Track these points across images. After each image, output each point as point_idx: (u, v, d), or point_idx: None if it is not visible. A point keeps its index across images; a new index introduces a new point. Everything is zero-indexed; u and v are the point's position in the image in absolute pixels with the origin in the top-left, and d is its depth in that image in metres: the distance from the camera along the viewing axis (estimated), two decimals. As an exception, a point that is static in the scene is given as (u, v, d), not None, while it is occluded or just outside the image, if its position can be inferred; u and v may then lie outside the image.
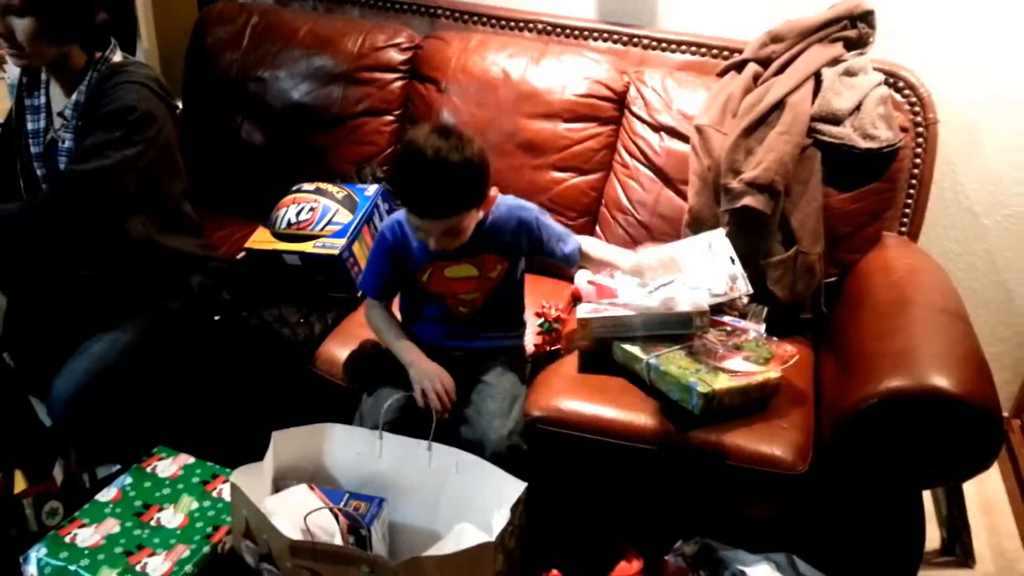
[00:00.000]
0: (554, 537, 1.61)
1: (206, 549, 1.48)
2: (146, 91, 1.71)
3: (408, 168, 1.54)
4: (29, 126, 1.81)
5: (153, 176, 1.75)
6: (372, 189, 2.08)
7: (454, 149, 1.50)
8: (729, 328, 1.78)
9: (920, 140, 1.98)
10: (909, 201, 2.01)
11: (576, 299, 2.01)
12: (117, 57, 1.77)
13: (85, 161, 1.65)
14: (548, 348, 1.85)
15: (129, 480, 1.61)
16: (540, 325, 1.88)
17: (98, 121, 1.68)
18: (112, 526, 1.51)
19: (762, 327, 1.80)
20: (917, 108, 1.98)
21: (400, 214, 1.70)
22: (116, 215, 1.73)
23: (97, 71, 1.73)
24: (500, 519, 1.42)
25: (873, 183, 1.95)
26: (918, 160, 1.98)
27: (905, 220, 2.01)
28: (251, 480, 1.48)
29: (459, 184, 1.52)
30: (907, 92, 1.99)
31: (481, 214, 1.63)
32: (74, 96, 1.73)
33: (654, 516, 1.72)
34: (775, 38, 2.05)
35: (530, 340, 1.87)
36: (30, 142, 1.82)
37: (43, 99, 1.80)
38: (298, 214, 1.98)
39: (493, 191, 1.64)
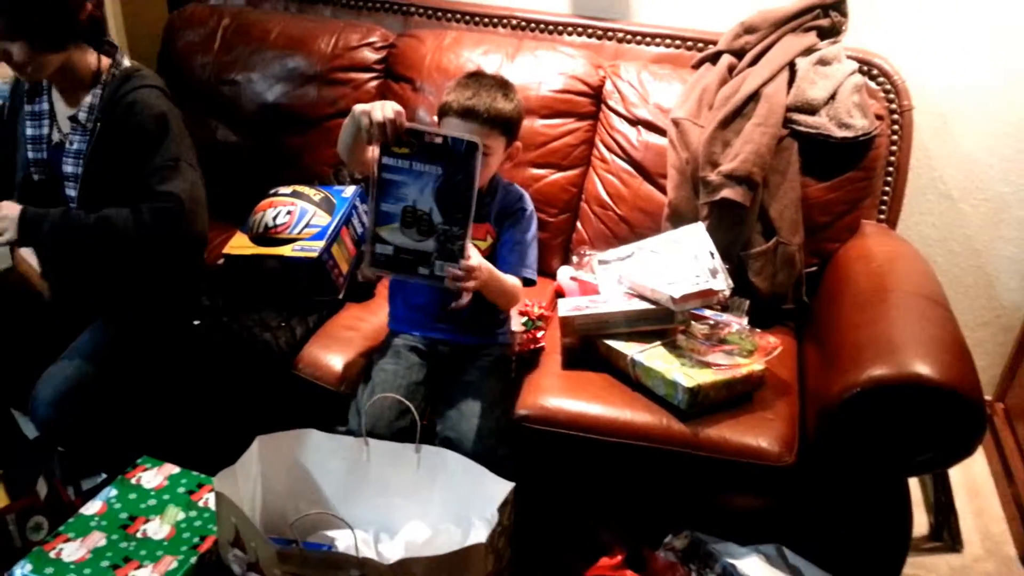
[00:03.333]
0: (541, 533, 1.61)
1: (193, 560, 1.46)
2: (163, 95, 1.77)
3: (472, 78, 1.67)
4: (29, 132, 1.81)
5: None
6: (350, 191, 2.06)
7: (506, 84, 1.68)
8: (712, 322, 1.78)
9: (895, 127, 1.99)
10: (887, 189, 2.02)
11: (559, 295, 2.01)
12: (127, 62, 1.79)
13: (171, 180, 1.70)
14: (532, 346, 1.85)
15: (114, 492, 1.59)
16: (524, 323, 1.87)
17: (138, 134, 1.71)
18: (98, 539, 1.49)
19: (744, 320, 1.81)
20: (892, 95, 1.99)
21: None
22: (199, 229, 1.79)
23: (112, 75, 1.75)
24: (489, 520, 1.42)
25: (850, 172, 1.96)
26: (894, 148, 2.00)
27: (883, 208, 2.03)
28: (235, 485, 1.47)
29: (505, 103, 1.62)
30: (881, 80, 2.00)
31: (496, 169, 1.69)
32: (88, 98, 1.73)
33: (642, 511, 1.73)
34: (748, 29, 2.06)
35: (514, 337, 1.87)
36: (28, 147, 1.80)
37: (45, 105, 1.79)
38: (275, 218, 1.97)
39: (519, 148, 1.73)
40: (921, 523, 1.97)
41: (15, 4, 1.60)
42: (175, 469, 1.66)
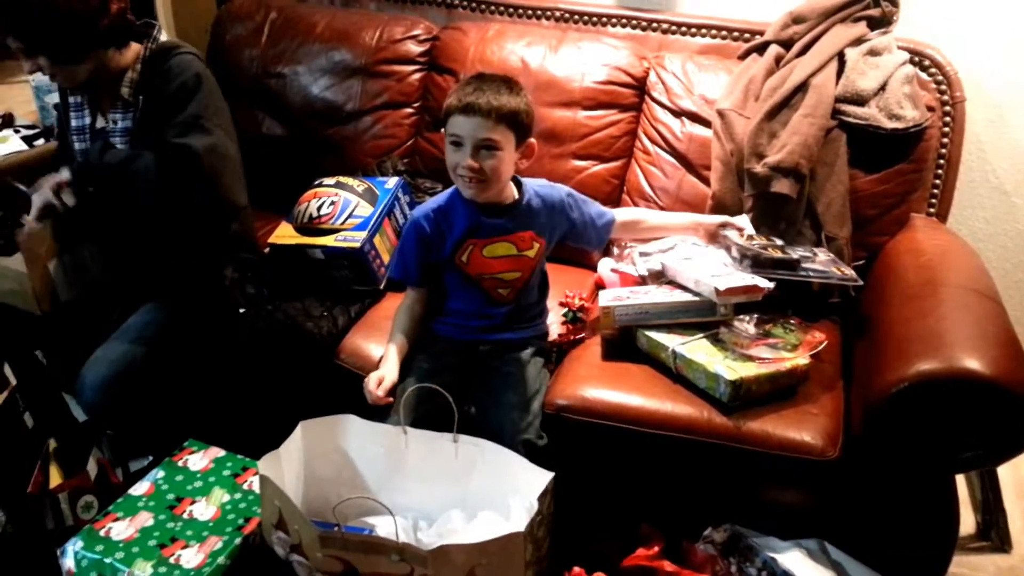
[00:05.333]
0: (579, 523, 1.60)
1: (238, 541, 1.49)
2: (199, 60, 1.81)
3: (476, 77, 1.67)
4: (73, 123, 1.86)
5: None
6: (392, 182, 2.08)
7: (511, 81, 1.67)
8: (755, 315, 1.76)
9: (947, 119, 1.95)
10: (937, 182, 1.98)
11: (600, 288, 2.01)
12: (163, 36, 1.83)
13: (189, 135, 1.71)
14: (572, 337, 1.85)
15: (161, 474, 1.63)
16: (564, 315, 1.87)
17: (172, 94, 1.73)
18: (146, 519, 1.53)
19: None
20: (944, 86, 1.95)
21: (434, 201, 1.73)
22: (222, 187, 1.80)
23: (149, 49, 1.79)
24: (528, 509, 1.42)
25: (900, 164, 1.92)
26: (945, 140, 1.95)
27: (933, 201, 1.98)
28: (279, 469, 1.49)
29: (509, 95, 1.62)
30: (933, 70, 1.96)
31: (512, 170, 1.68)
32: (128, 74, 1.77)
33: (681, 503, 1.72)
34: (797, 19, 2.03)
35: (554, 330, 1.86)
36: (74, 138, 1.85)
37: (84, 95, 1.83)
38: (319, 208, 1.99)
39: (533, 146, 1.70)
40: (968, 522, 1.93)
41: (29, 25, 1.63)
42: (220, 452, 1.69)
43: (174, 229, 1.83)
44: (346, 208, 1.98)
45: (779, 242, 1.83)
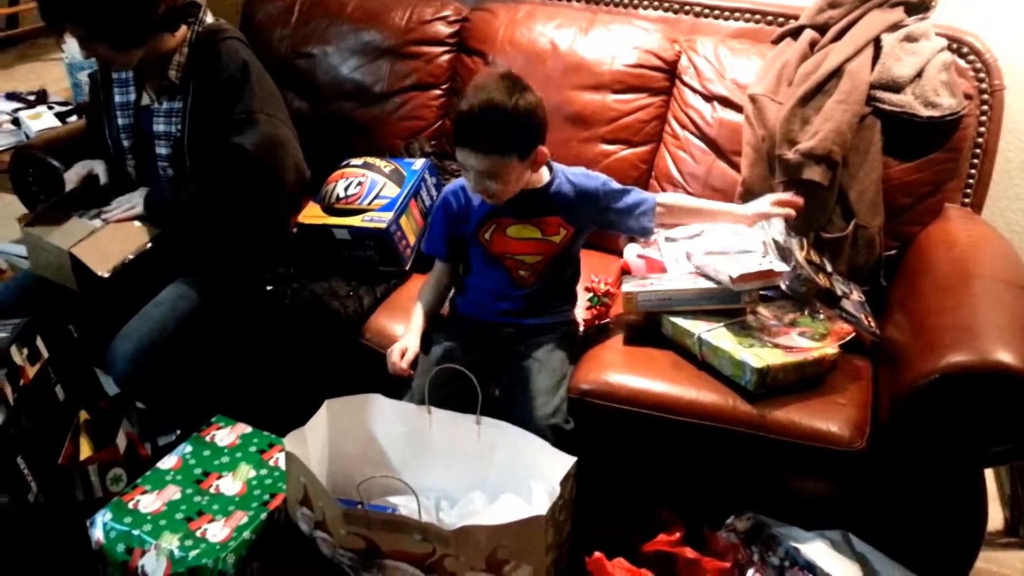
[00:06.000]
0: (600, 507, 1.60)
1: (263, 516, 1.51)
2: (245, 46, 1.85)
3: (464, 100, 1.58)
4: (117, 99, 1.89)
5: None
6: (419, 163, 2.08)
7: (510, 93, 1.54)
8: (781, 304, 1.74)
9: (985, 108, 1.91)
10: (972, 171, 1.94)
11: (625, 273, 2.00)
12: (210, 18, 1.86)
13: (242, 133, 1.77)
14: (598, 323, 1.84)
15: (189, 449, 1.65)
16: (589, 299, 1.86)
17: (224, 86, 1.78)
18: (173, 493, 1.55)
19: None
20: (982, 74, 1.90)
21: (463, 179, 1.72)
22: (283, 174, 1.86)
23: (195, 31, 1.82)
24: (551, 493, 1.43)
25: (935, 153, 1.88)
26: (982, 128, 1.91)
27: (968, 191, 1.95)
28: (304, 446, 1.51)
29: (504, 125, 1.54)
30: (971, 58, 1.92)
31: (528, 173, 1.65)
32: (175, 57, 1.80)
33: (704, 491, 1.71)
34: (832, 3, 1.99)
35: (580, 315, 1.86)
36: (117, 114, 1.88)
37: (131, 72, 1.86)
38: (346, 188, 2.00)
39: (544, 152, 1.64)
40: (996, 518, 1.90)
41: (90, 12, 1.66)
42: (247, 429, 1.71)
43: (232, 217, 1.87)
44: (373, 189, 1.99)
45: (829, 268, 1.81)
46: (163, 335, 1.76)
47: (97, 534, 1.49)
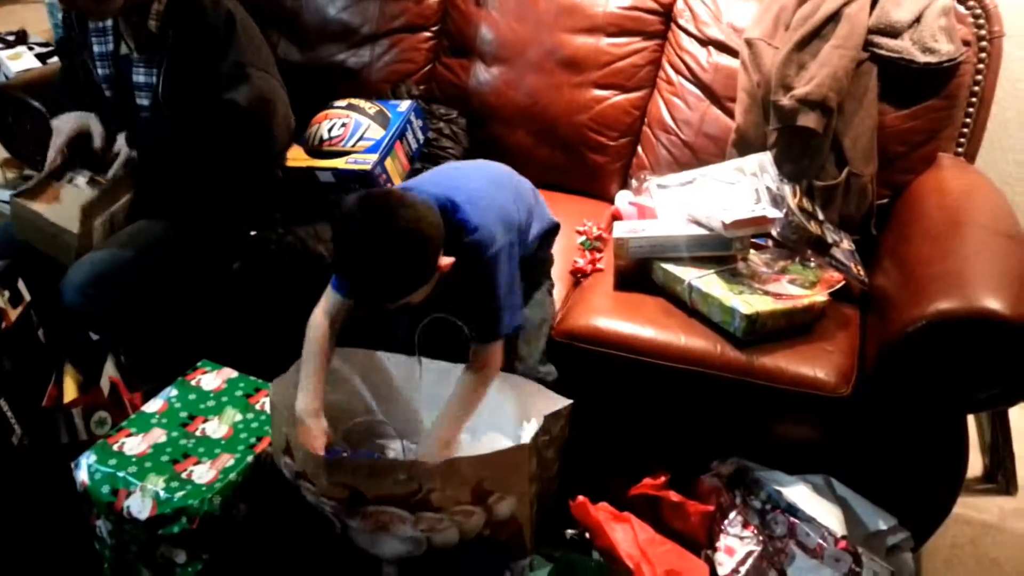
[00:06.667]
0: (586, 451, 1.61)
1: (250, 459, 1.51)
2: None
3: (341, 256, 1.37)
4: (95, 49, 1.84)
5: None
6: (405, 105, 2.04)
7: (379, 237, 1.30)
8: (772, 252, 1.73)
9: (983, 55, 1.87)
10: (967, 120, 1.90)
11: (616, 220, 1.98)
12: None
13: (234, 88, 1.74)
14: (590, 268, 1.83)
15: (174, 392, 1.64)
16: (581, 243, 1.85)
17: (207, 37, 1.74)
18: (158, 436, 1.55)
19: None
20: (982, 20, 1.86)
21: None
22: (273, 130, 1.86)
23: None
24: (533, 426, 1.43)
25: (931, 100, 1.85)
26: (979, 76, 1.88)
27: (962, 140, 1.92)
28: (290, 394, 1.50)
29: (393, 285, 1.35)
30: (971, 3, 1.87)
31: (425, 294, 1.41)
32: (154, 6, 1.75)
33: (690, 438, 1.72)
34: (832, -55, 1.94)
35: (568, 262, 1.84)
36: (97, 64, 1.83)
37: (109, 21, 1.81)
38: (330, 130, 1.96)
39: (443, 264, 1.38)
40: (975, 464, 1.93)
41: None
42: (233, 373, 1.70)
43: (219, 170, 1.85)
44: (357, 130, 1.95)
45: (820, 216, 1.79)
46: (115, 266, 1.74)
47: (82, 476, 1.48)
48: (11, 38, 2.73)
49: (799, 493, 1.54)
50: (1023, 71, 2.02)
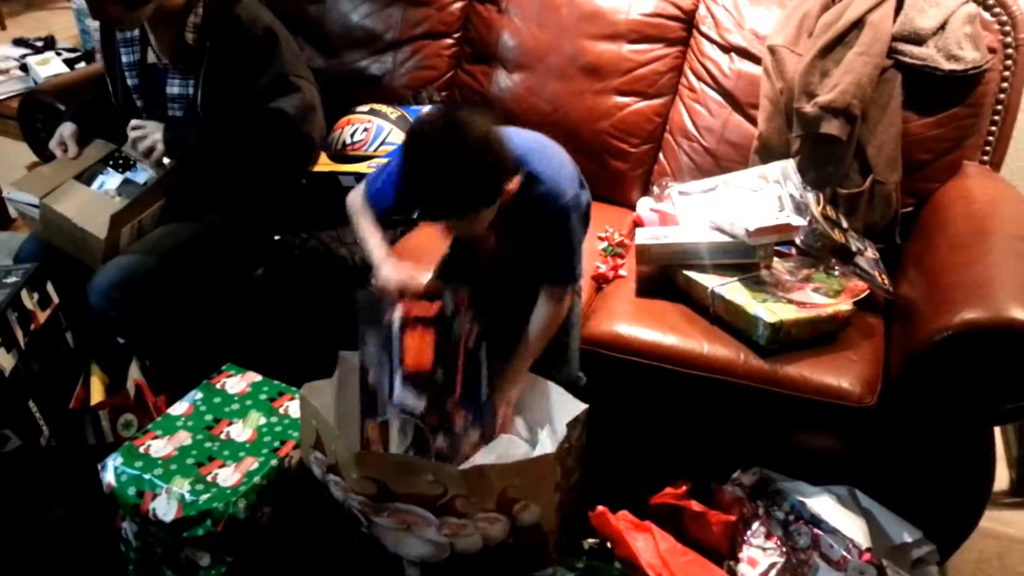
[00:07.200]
0: (608, 459, 1.61)
1: (274, 462, 1.52)
2: (263, 6, 1.84)
3: (414, 165, 1.36)
4: (124, 59, 1.85)
5: None
6: (426, 110, 2.05)
7: (450, 145, 1.31)
8: (797, 260, 1.73)
9: (1008, 63, 1.86)
10: (993, 128, 1.90)
11: (638, 226, 1.98)
12: None
13: (282, 97, 1.76)
14: (613, 274, 1.82)
15: (199, 395, 1.66)
16: (603, 249, 1.85)
17: (248, 51, 1.76)
18: (184, 438, 1.56)
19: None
20: (1007, 27, 1.85)
21: None
22: (316, 140, 1.86)
23: None
24: (556, 433, 1.43)
25: (956, 108, 1.84)
26: (1005, 84, 1.87)
27: (988, 148, 1.91)
28: (320, 395, 1.51)
29: (458, 199, 1.34)
30: (997, 10, 1.86)
31: (491, 216, 1.41)
32: (190, 18, 1.77)
33: (713, 446, 1.71)
34: (856, -48, 1.94)
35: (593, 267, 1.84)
36: (126, 74, 1.86)
37: (137, 31, 1.83)
38: (352, 135, 1.98)
39: (508, 189, 1.38)
40: (1002, 477, 1.91)
41: None
42: (257, 377, 1.71)
43: (256, 174, 1.87)
44: (379, 135, 1.97)
45: (844, 224, 1.78)
46: (141, 270, 1.76)
47: (108, 477, 1.50)
48: (40, 44, 2.77)
49: (823, 504, 1.53)
50: (1050, 78, 2.00)
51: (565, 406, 1.48)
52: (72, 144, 1.84)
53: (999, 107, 1.89)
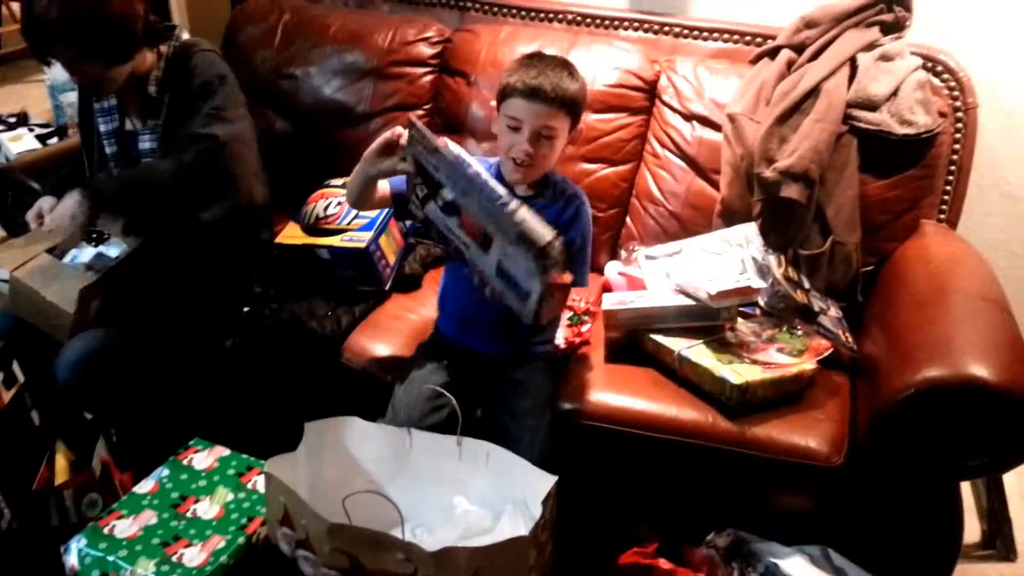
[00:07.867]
0: (578, 523, 1.59)
1: (241, 540, 1.49)
2: (220, 59, 1.87)
3: (535, 57, 1.64)
4: (101, 128, 1.89)
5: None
6: (400, 183, 2.08)
7: (570, 64, 1.64)
8: (760, 321, 1.75)
9: (959, 125, 1.93)
10: (948, 188, 1.96)
11: (607, 291, 2.00)
12: (185, 35, 1.88)
13: (214, 125, 1.77)
14: (576, 341, 1.84)
15: (166, 472, 1.63)
16: (569, 319, 1.87)
17: (197, 90, 1.80)
18: (149, 517, 1.53)
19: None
20: (956, 92, 1.93)
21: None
22: (245, 178, 1.84)
23: (172, 47, 1.84)
24: (532, 512, 1.42)
25: (911, 170, 1.90)
26: (957, 146, 1.94)
27: (944, 208, 1.97)
28: (286, 469, 1.49)
29: (571, 83, 1.59)
30: (946, 76, 1.94)
31: (560, 148, 1.64)
32: (154, 73, 1.82)
33: (684, 507, 1.71)
34: (809, 23, 2.02)
35: (560, 335, 1.86)
36: (104, 144, 1.89)
37: (114, 100, 1.87)
38: (326, 208, 2.00)
39: (582, 128, 1.68)
40: (973, 530, 1.91)
41: (80, 34, 1.69)
42: (225, 451, 1.69)
43: (206, 238, 1.86)
44: (352, 209, 1.99)
45: (807, 284, 1.82)
46: (108, 344, 1.76)
47: (72, 560, 1.46)
48: (12, 120, 2.79)
49: (797, 565, 1.53)
50: (998, 139, 2.07)
51: (535, 478, 1.47)
52: (48, 218, 1.84)
53: (952, 168, 1.95)
